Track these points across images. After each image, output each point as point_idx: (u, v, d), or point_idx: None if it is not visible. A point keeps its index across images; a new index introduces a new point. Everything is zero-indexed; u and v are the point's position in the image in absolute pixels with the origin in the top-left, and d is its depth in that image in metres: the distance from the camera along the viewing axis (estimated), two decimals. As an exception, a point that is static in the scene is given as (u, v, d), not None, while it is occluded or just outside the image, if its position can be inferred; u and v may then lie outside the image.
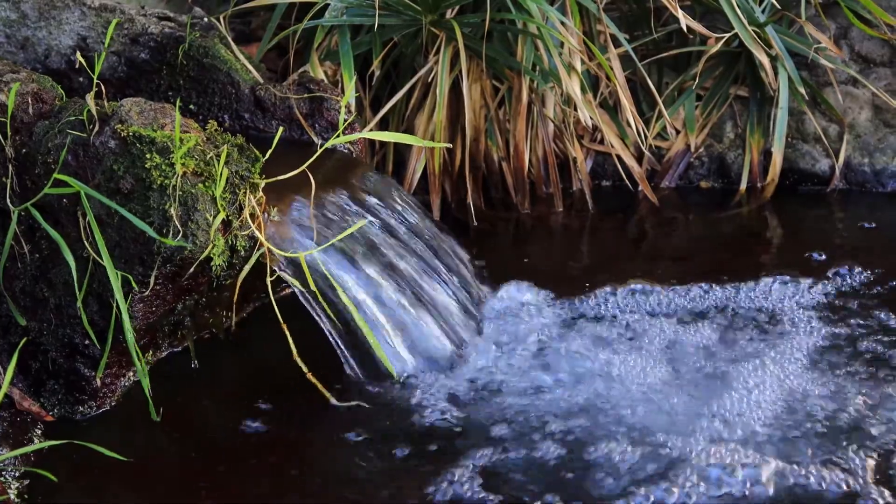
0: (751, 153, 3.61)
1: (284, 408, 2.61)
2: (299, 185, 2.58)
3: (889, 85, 3.65)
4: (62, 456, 2.42)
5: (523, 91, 3.39)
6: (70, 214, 2.46)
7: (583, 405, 2.58)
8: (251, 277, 2.56)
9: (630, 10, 3.65)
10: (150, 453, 2.49)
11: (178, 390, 2.64)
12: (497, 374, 2.69)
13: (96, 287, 2.46)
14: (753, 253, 3.30)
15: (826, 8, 3.66)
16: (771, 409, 2.55)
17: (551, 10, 3.29)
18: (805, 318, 2.89)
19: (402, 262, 2.77)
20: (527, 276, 3.06)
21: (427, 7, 3.33)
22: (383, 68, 3.45)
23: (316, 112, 2.99)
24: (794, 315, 2.90)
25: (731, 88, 3.67)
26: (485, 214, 3.45)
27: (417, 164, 3.43)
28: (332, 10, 3.30)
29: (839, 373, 2.68)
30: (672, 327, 2.85)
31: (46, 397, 2.58)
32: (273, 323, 2.55)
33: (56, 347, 2.54)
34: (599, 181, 3.66)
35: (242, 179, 2.50)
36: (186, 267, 2.44)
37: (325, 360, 2.63)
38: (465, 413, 2.57)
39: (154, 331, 2.59)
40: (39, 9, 3.01)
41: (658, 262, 3.20)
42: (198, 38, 3.00)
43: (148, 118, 2.45)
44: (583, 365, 2.71)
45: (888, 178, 3.60)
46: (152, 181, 2.40)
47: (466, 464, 2.40)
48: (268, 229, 2.54)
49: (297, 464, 2.47)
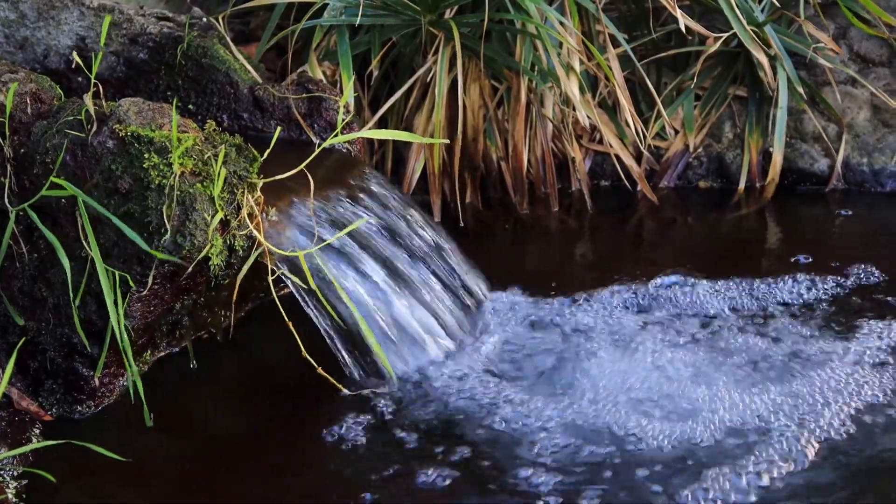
0: (749, 153, 3.61)
1: (283, 408, 2.61)
2: (298, 184, 2.58)
3: (888, 85, 3.65)
4: (60, 455, 2.42)
5: (522, 91, 3.39)
6: (68, 214, 2.46)
7: (575, 408, 2.58)
8: (250, 277, 2.56)
9: (629, 10, 3.65)
10: (148, 453, 2.48)
11: (176, 390, 2.64)
12: (494, 374, 2.69)
13: (95, 287, 2.45)
14: (750, 252, 3.30)
15: (825, 8, 3.66)
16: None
17: (550, 11, 3.29)
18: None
19: (400, 262, 2.77)
20: (524, 277, 3.06)
21: (426, 7, 3.33)
22: (382, 68, 3.46)
23: (314, 112, 2.99)
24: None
25: (730, 88, 3.67)
26: (483, 214, 3.46)
27: (416, 164, 3.43)
28: (331, 9, 3.30)
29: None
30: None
31: (45, 397, 2.58)
32: (272, 322, 2.55)
33: (54, 347, 2.54)
34: (598, 181, 3.66)
35: (240, 179, 2.50)
36: (184, 267, 2.44)
37: (325, 359, 2.63)
38: (462, 412, 2.57)
39: (152, 330, 2.59)
40: (38, 9, 3.02)
41: (656, 262, 3.20)
42: (196, 38, 3.00)
43: (146, 118, 2.45)
44: (578, 365, 2.72)
45: (887, 177, 3.60)
46: (150, 181, 2.40)
47: (462, 464, 2.41)
48: (266, 229, 2.54)
49: (296, 464, 2.47)
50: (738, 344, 2.78)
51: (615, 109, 3.54)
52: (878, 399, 2.58)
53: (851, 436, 2.47)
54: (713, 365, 2.70)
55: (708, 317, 2.90)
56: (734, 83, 3.67)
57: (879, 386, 2.61)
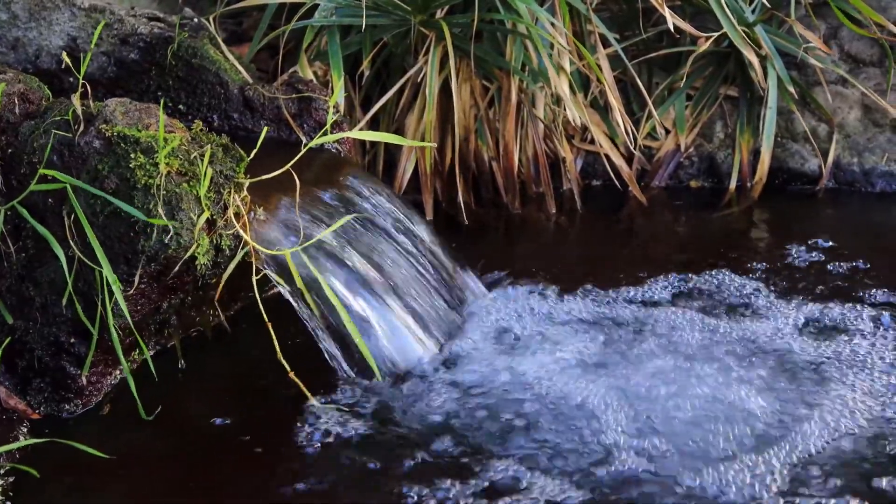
0: (740, 153, 3.62)
1: (271, 407, 2.62)
2: (287, 184, 2.59)
3: (878, 85, 3.66)
4: (48, 453, 2.43)
5: (513, 91, 3.40)
6: (56, 214, 2.47)
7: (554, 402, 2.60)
8: (239, 276, 2.57)
9: (621, 10, 3.66)
10: (136, 451, 2.49)
11: (164, 389, 2.64)
12: (480, 374, 2.70)
13: (81, 286, 2.47)
14: (737, 251, 3.31)
15: (816, 8, 3.67)
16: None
17: (540, 11, 3.30)
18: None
19: (389, 261, 2.78)
20: (515, 276, 3.07)
21: (416, 7, 3.34)
22: (374, 68, 3.47)
23: (304, 112, 3.00)
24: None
25: (721, 88, 3.68)
26: (475, 214, 3.46)
27: (408, 164, 3.44)
28: (322, 10, 3.31)
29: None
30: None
31: (33, 395, 2.59)
32: (262, 321, 2.55)
33: (42, 346, 2.55)
34: (590, 180, 3.68)
35: (227, 179, 2.51)
36: (171, 266, 2.45)
37: (316, 359, 2.64)
38: (447, 412, 2.58)
39: (140, 329, 2.60)
40: (30, 10, 3.03)
41: (645, 261, 3.21)
42: (187, 38, 3.02)
43: (133, 118, 2.47)
44: (568, 362, 2.73)
45: (877, 177, 3.61)
46: (137, 181, 2.41)
47: (447, 460, 2.42)
48: (253, 228, 2.55)
49: (285, 464, 2.47)
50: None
51: (607, 109, 3.55)
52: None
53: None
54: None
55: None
56: (725, 83, 3.68)
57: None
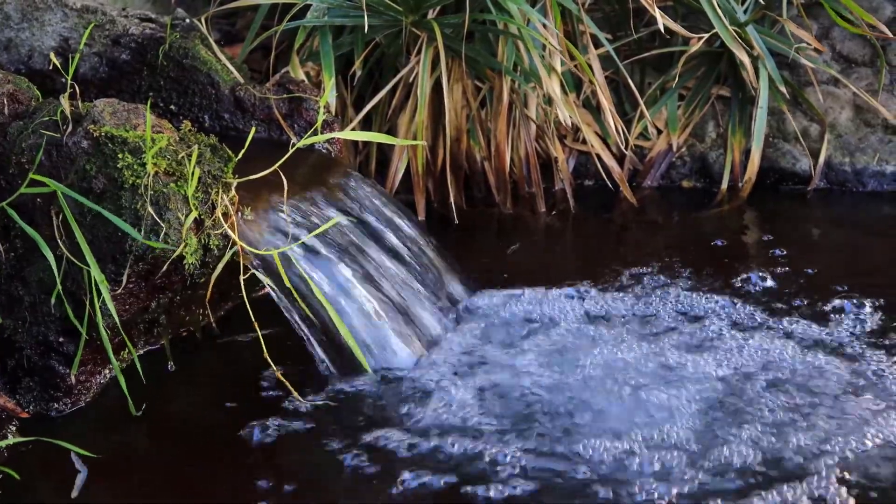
0: (732, 153, 3.62)
1: (261, 406, 2.62)
2: (276, 184, 2.60)
3: (870, 85, 3.66)
4: (37, 452, 2.44)
5: (504, 91, 3.40)
6: (44, 214, 2.48)
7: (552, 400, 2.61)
8: (228, 276, 2.57)
9: (613, 10, 3.66)
10: (124, 450, 2.50)
11: (153, 388, 2.65)
12: (470, 373, 2.71)
13: (70, 285, 2.48)
14: (726, 252, 3.32)
15: (808, 8, 3.68)
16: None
17: (532, 12, 3.31)
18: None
19: (378, 261, 2.79)
20: (506, 276, 3.08)
21: (408, 8, 3.35)
22: (366, 68, 3.47)
23: (295, 112, 3.01)
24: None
25: (713, 88, 3.68)
26: (467, 214, 3.47)
27: (400, 164, 3.45)
28: (314, 10, 3.32)
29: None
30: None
31: (22, 394, 2.59)
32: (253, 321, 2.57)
33: (31, 345, 2.56)
34: (582, 180, 3.68)
35: (215, 179, 2.52)
36: (159, 265, 2.46)
37: (305, 358, 2.65)
38: (436, 411, 2.58)
39: (128, 328, 2.61)
40: (22, 10, 3.05)
41: (637, 261, 3.22)
42: (178, 39, 3.03)
43: (121, 118, 2.48)
44: (556, 362, 2.74)
45: (869, 177, 3.61)
46: (124, 181, 2.42)
47: (433, 462, 2.43)
48: (241, 228, 2.56)
49: (273, 462, 2.48)
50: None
51: (598, 110, 3.56)
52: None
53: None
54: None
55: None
56: (717, 83, 3.68)
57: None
